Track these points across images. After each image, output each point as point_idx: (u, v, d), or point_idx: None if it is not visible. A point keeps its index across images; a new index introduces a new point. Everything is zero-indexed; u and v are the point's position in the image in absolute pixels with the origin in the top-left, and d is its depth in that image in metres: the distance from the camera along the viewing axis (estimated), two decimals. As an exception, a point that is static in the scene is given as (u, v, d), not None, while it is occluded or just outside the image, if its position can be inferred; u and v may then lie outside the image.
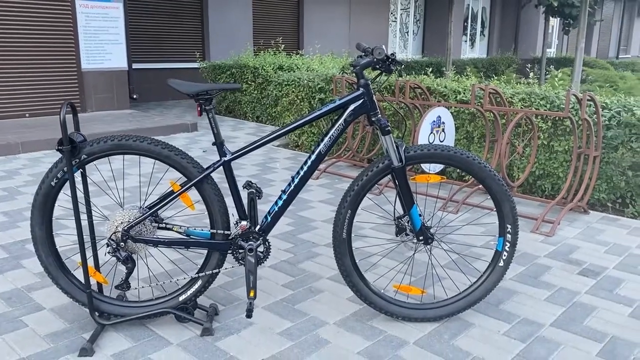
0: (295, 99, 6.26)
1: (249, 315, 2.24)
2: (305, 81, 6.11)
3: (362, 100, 2.30)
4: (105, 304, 2.38)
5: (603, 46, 23.83)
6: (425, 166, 4.07)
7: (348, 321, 2.50)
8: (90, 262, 2.38)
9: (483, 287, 2.47)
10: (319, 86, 6.00)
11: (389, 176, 2.37)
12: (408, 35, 16.64)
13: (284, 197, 2.35)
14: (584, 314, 2.61)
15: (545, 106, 4.41)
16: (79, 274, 2.50)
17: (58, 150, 2.16)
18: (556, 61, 16.72)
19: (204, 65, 9.46)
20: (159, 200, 2.33)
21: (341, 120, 2.31)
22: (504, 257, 2.45)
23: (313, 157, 2.32)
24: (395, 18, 16.06)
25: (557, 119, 4.36)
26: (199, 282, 2.39)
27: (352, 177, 5.08)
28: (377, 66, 2.20)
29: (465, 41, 18.31)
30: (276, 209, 2.36)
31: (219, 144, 2.30)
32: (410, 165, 2.33)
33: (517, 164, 4.65)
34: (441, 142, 4.47)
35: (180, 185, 2.31)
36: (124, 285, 2.31)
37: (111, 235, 2.27)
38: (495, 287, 2.51)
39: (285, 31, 12.88)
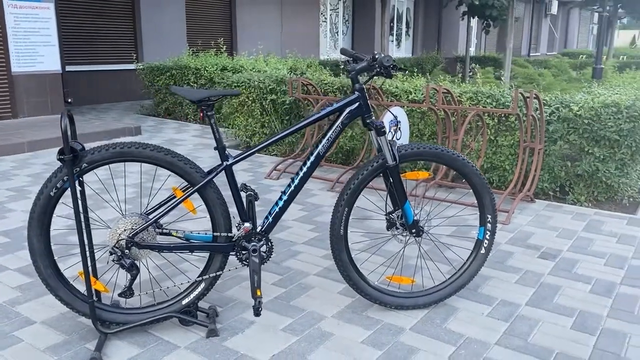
0: (246, 100, 6.29)
1: (257, 314, 2.30)
2: (256, 82, 6.15)
3: (357, 104, 2.43)
4: (107, 313, 2.36)
5: (516, 45, 25.33)
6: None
7: (345, 313, 2.63)
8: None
9: (467, 274, 2.68)
10: (270, 87, 6.07)
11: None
12: (338, 35, 16.96)
13: (285, 197, 2.44)
14: (552, 292, 2.88)
15: (492, 104, 4.73)
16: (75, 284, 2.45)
17: (59, 159, 2.13)
18: (477, 60, 17.63)
19: (141, 66, 9.22)
20: (160, 205, 2.35)
21: (338, 123, 2.43)
22: (485, 245, 2.67)
23: (312, 158, 2.42)
24: (325, 18, 16.32)
25: (502, 115, 4.70)
26: (202, 285, 2.43)
27: (313, 175, 5.18)
28: (379, 70, 2.33)
29: (392, 41, 18.90)
30: (277, 209, 2.44)
31: (220, 148, 2.34)
32: (403, 163, 2.49)
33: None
34: (397, 140, 4.68)
35: (182, 190, 2.34)
36: (128, 292, 2.31)
37: (115, 244, 2.26)
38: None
39: (219, 32, 12.76)
